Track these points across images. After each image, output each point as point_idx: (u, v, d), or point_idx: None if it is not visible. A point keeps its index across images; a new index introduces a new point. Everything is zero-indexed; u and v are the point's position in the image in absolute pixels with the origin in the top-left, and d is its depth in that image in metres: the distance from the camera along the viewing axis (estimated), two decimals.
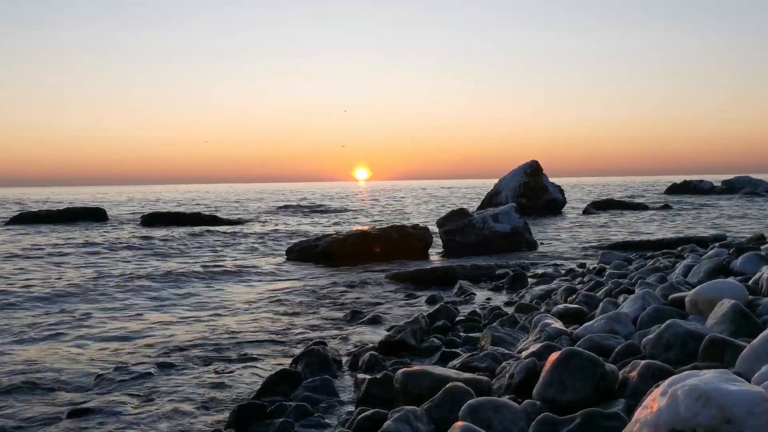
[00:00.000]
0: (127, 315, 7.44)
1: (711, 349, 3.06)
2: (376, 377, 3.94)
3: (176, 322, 7.00)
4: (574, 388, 2.93)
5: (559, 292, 7.01)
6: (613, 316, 4.39)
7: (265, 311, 7.59)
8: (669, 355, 3.28)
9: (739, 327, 3.45)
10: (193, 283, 9.88)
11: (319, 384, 4.39)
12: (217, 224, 23.08)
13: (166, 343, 6.02)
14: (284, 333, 6.45)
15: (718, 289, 4.15)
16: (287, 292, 8.92)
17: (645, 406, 1.73)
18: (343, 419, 3.60)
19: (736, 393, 1.55)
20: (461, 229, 14.80)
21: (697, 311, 4.19)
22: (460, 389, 3.12)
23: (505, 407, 2.82)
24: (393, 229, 14.03)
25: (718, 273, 5.89)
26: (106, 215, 26.62)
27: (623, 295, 5.62)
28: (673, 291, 5.02)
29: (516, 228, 14.65)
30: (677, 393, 1.61)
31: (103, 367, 5.27)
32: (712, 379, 1.64)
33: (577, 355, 3.01)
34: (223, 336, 6.30)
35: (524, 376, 3.37)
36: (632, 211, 29.06)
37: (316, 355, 4.98)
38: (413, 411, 2.91)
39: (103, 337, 6.33)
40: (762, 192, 40.98)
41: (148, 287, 9.39)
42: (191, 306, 8.02)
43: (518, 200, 25.94)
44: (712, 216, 24.15)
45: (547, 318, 4.93)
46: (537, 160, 30.05)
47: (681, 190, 46.85)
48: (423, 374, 3.51)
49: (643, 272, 7.13)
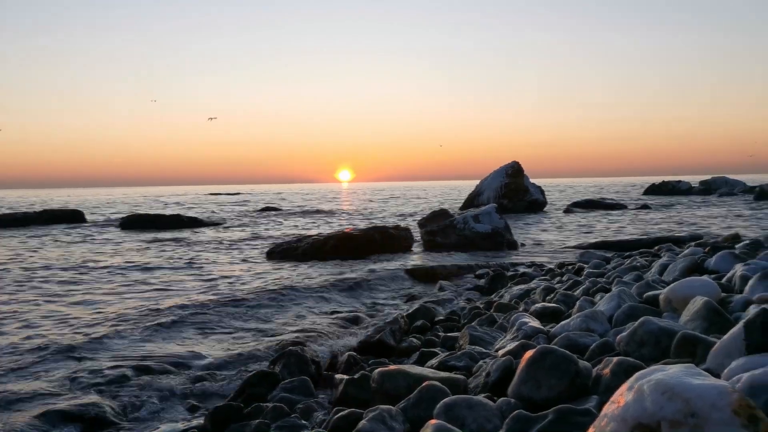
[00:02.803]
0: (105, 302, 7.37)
1: (683, 345, 3.10)
2: (353, 377, 3.94)
3: (151, 325, 6.93)
4: (548, 386, 2.95)
5: (537, 292, 7.05)
6: (589, 315, 4.43)
7: (243, 312, 7.54)
8: (642, 351, 3.31)
9: (712, 324, 3.49)
10: (169, 281, 9.80)
11: (297, 385, 4.38)
12: (197, 226, 22.93)
13: (139, 347, 5.97)
14: (262, 332, 6.42)
15: (692, 287, 4.21)
16: (267, 293, 8.87)
17: (613, 401, 1.75)
18: (320, 420, 3.58)
19: (700, 387, 1.57)
20: (443, 229, 14.86)
21: (671, 309, 4.24)
22: (436, 388, 3.12)
23: (479, 405, 2.83)
24: (374, 230, 14.04)
25: (693, 271, 5.97)
26: (84, 217, 26.33)
27: (600, 294, 5.67)
28: (649, 289, 5.08)
29: (497, 228, 14.73)
30: (643, 387, 1.63)
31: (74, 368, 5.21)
32: (677, 373, 1.66)
33: (552, 353, 3.03)
34: (199, 336, 6.25)
35: (500, 375, 3.38)
36: (612, 211, 29.35)
37: (294, 356, 4.97)
38: (388, 410, 2.91)
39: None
40: (738, 192, 41.59)
41: (122, 282, 9.31)
42: (167, 302, 7.94)
43: (500, 201, 26.10)
44: (689, 216, 24.44)
45: (525, 317, 4.95)
46: (518, 161, 30.26)
47: (659, 190, 47.42)
48: (400, 374, 3.51)
49: (620, 271, 7.20)
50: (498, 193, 28.72)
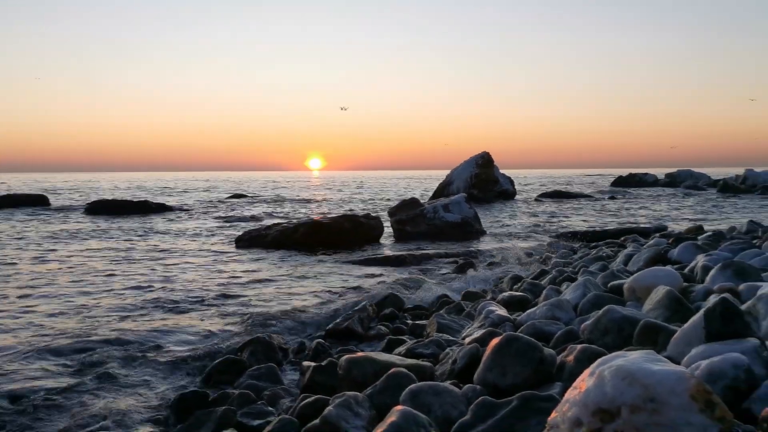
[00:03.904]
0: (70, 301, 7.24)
1: (645, 333, 3.16)
2: (320, 365, 3.93)
3: (111, 314, 6.84)
4: (514, 372, 2.98)
5: (505, 281, 7.12)
6: (555, 303, 4.49)
7: (211, 300, 7.48)
8: (606, 339, 3.37)
9: (673, 312, 3.56)
10: (138, 269, 9.66)
11: (264, 372, 4.36)
12: (165, 212, 22.63)
13: (105, 336, 5.88)
14: (230, 319, 6.38)
15: (655, 277, 4.29)
16: (234, 281, 8.81)
17: (575, 387, 1.77)
18: (287, 406, 3.57)
19: (659, 373, 1.60)
20: (412, 218, 14.90)
21: (635, 298, 4.32)
22: (402, 375, 3.14)
23: (445, 392, 2.85)
24: (344, 218, 14.00)
25: (657, 261, 6.08)
26: (48, 202, 25.81)
27: (566, 283, 5.74)
28: (614, 279, 5.17)
29: (466, 218, 14.82)
30: (604, 373, 1.66)
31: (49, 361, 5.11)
32: (638, 360, 1.69)
33: (517, 340, 3.06)
34: (169, 321, 6.18)
35: (467, 362, 3.41)
36: (580, 201, 29.75)
37: (261, 343, 4.95)
38: (354, 397, 2.92)
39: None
40: (702, 185, 42.47)
41: (87, 272, 9.15)
42: (134, 292, 7.83)
43: (470, 191, 26.25)
44: (655, 207, 24.89)
45: (492, 305, 5.00)
46: (488, 152, 30.43)
47: (626, 182, 48.23)
48: (366, 361, 3.51)
49: (586, 261, 7.31)
50: (468, 183, 28.89)
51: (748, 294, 3.70)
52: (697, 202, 28.30)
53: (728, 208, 24.13)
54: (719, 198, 30.97)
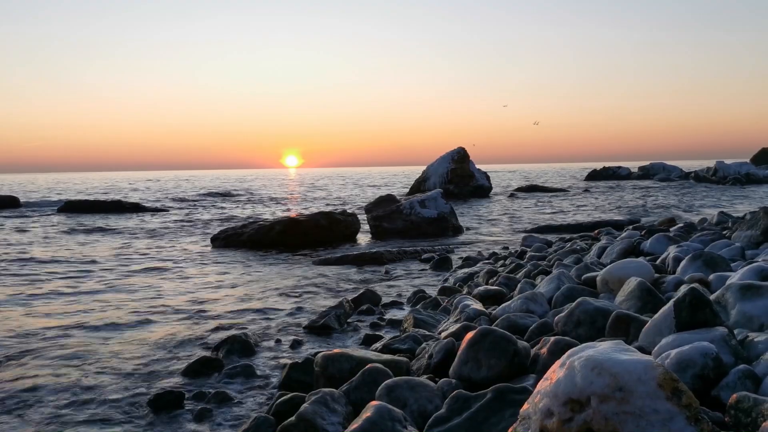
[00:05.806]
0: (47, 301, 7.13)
1: (617, 324, 3.20)
2: (297, 362, 3.93)
3: (91, 320, 6.76)
4: (488, 365, 3.00)
5: (481, 275, 7.16)
6: (530, 296, 4.53)
7: (189, 300, 7.42)
8: (579, 331, 3.41)
9: (645, 303, 3.62)
10: (105, 274, 9.55)
11: (241, 370, 4.35)
12: (139, 212, 22.37)
13: (85, 339, 5.81)
14: (207, 319, 6.33)
15: (627, 268, 4.35)
16: (211, 280, 8.75)
17: (546, 378, 1.79)
18: (263, 404, 3.57)
19: (627, 362, 1.63)
20: (389, 215, 14.90)
21: (608, 290, 4.38)
22: (378, 370, 3.15)
23: (421, 386, 2.86)
24: (321, 215, 13.96)
25: (630, 254, 6.17)
26: (18, 202, 25.37)
27: (541, 276, 5.80)
28: (588, 271, 5.23)
29: (442, 214, 14.87)
30: (574, 364, 1.68)
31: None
32: (607, 350, 1.72)
33: (492, 333, 3.09)
34: (145, 324, 6.12)
35: (443, 356, 3.43)
36: (554, 195, 30.04)
37: (238, 342, 4.93)
38: (331, 393, 2.92)
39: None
40: (674, 177, 43.13)
41: (61, 274, 9.02)
42: (114, 295, 7.74)
43: (446, 186, 26.35)
44: (628, 200, 25.20)
45: (468, 300, 5.03)
46: (464, 147, 30.56)
47: (600, 176, 48.78)
48: (343, 357, 3.52)
49: (560, 254, 7.38)
50: (444, 178, 29.00)
51: (717, 284, 3.77)
52: (670, 193, 28.72)
53: (699, 200, 24.54)
54: (692, 190, 31.46)
